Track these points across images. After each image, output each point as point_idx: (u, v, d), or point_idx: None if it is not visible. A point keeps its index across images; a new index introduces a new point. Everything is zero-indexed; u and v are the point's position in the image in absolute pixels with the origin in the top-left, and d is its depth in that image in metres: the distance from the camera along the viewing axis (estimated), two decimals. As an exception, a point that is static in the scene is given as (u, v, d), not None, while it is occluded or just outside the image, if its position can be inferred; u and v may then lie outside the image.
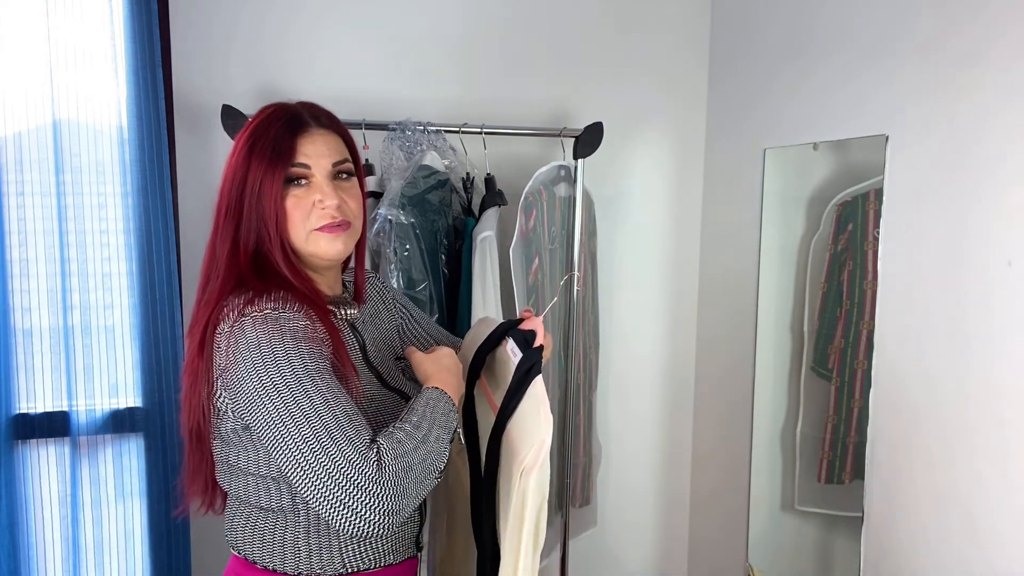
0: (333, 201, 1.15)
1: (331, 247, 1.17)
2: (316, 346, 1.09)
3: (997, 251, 1.44)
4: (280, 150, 1.14)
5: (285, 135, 1.15)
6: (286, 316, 1.09)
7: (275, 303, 1.10)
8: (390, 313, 1.41)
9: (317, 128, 1.18)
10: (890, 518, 1.70)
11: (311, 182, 1.16)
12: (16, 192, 1.84)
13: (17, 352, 1.86)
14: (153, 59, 1.88)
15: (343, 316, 1.26)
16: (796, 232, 2.03)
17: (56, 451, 1.91)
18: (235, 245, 1.15)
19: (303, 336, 1.08)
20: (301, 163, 1.15)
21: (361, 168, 1.25)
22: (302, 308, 1.12)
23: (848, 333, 1.85)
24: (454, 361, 1.23)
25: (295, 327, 1.08)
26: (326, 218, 1.15)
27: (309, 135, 1.17)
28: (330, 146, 1.18)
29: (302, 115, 1.18)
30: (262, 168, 1.13)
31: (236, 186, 1.15)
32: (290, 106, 1.20)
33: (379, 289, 1.43)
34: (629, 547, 2.56)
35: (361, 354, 1.26)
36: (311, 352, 1.07)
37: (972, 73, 1.50)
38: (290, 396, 1.04)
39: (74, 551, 1.92)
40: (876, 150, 1.72)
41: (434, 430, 1.10)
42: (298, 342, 1.07)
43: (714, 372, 2.45)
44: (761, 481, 2.18)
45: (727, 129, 2.35)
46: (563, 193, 2.15)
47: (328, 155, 1.17)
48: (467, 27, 2.23)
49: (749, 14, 2.23)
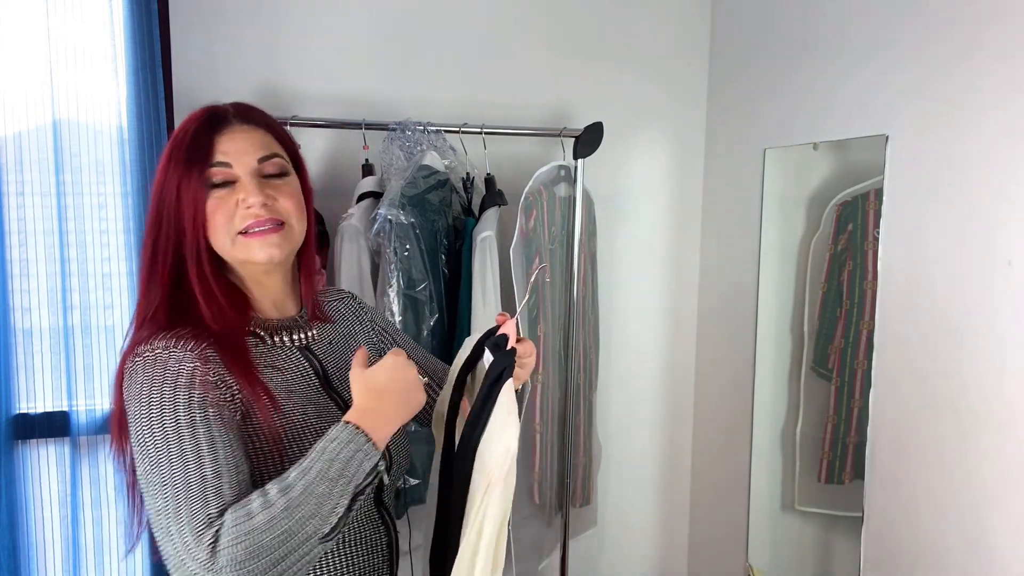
0: (257, 198, 1.02)
1: (261, 253, 1.04)
2: (203, 391, 0.96)
3: (997, 251, 1.44)
4: (196, 148, 1.03)
5: (203, 134, 1.04)
6: (176, 357, 0.98)
7: (167, 341, 0.99)
8: (367, 336, 1.29)
9: (239, 124, 1.06)
10: (890, 518, 1.70)
11: (235, 183, 1.04)
12: (16, 192, 1.84)
13: (17, 352, 1.86)
14: (153, 59, 1.88)
15: (293, 342, 1.13)
16: (796, 232, 2.03)
17: (56, 451, 1.91)
18: (153, 261, 1.04)
19: (187, 383, 0.96)
20: (221, 162, 1.03)
21: (302, 165, 1.13)
22: (200, 346, 1.00)
23: (848, 333, 1.85)
24: (393, 377, 1.02)
25: (179, 371, 0.97)
26: (249, 218, 1.03)
27: (229, 132, 1.05)
28: (254, 141, 1.06)
29: (222, 112, 1.07)
30: (179, 171, 1.02)
31: (155, 197, 1.04)
32: (214, 106, 1.09)
33: (354, 309, 1.31)
34: (629, 547, 2.56)
35: (318, 381, 1.13)
36: (190, 402, 0.95)
37: (972, 73, 1.50)
38: (154, 457, 0.93)
39: (74, 551, 1.92)
40: (876, 150, 1.72)
41: (320, 485, 0.91)
42: (177, 391, 0.95)
43: (714, 372, 2.45)
44: (761, 481, 2.17)
45: (727, 129, 2.35)
46: (563, 193, 2.15)
47: (251, 151, 1.05)
48: (467, 27, 2.23)
49: (749, 14, 2.23)
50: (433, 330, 1.93)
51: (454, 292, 2.01)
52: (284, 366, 1.10)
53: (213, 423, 0.96)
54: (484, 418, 1.04)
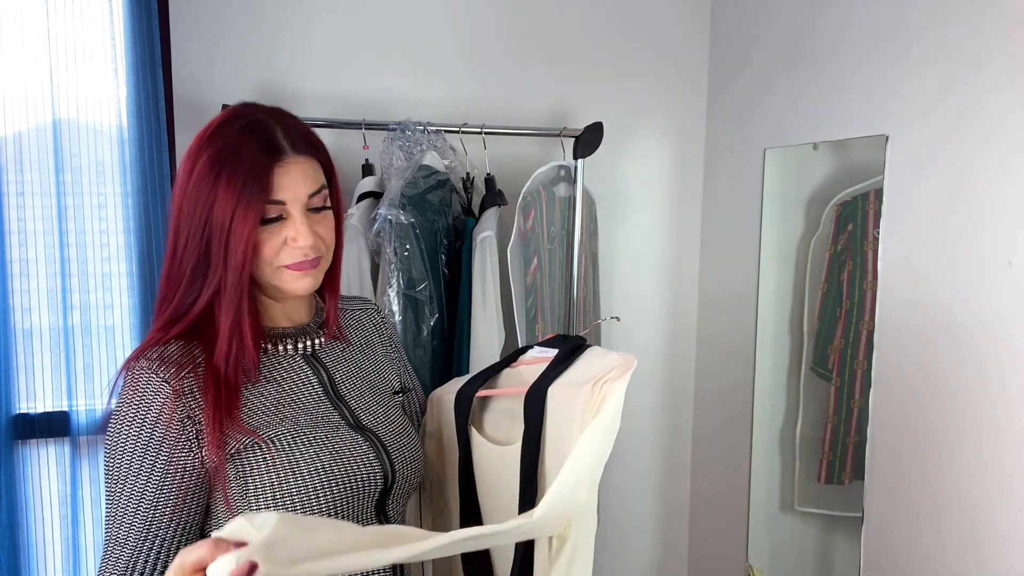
0: (308, 241, 1.02)
1: (298, 284, 1.05)
2: (162, 431, 0.98)
3: (997, 251, 1.44)
4: (255, 182, 0.98)
5: (260, 162, 0.99)
6: (154, 386, 0.99)
7: (153, 363, 1.00)
8: (386, 348, 1.28)
9: (294, 156, 1.02)
10: (890, 518, 1.70)
11: (286, 219, 1.02)
12: (16, 192, 1.84)
13: (17, 352, 1.86)
14: (153, 59, 1.88)
15: (298, 350, 1.13)
16: (796, 232, 2.03)
17: (56, 451, 1.91)
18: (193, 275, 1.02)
19: (153, 420, 0.98)
20: (277, 200, 1.00)
21: (338, 189, 1.11)
22: (180, 374, 1.00)
23: (848, 333, 1.85)
24: None
25: (151, 404, 0.99)
26: (298, 256, 1.03)
27: (284, 164, 1.01)
28: (307, 175, 1.03)
29: (276, 136, 1.02)
30: (232, 201, 0.98)
31: (199, 216, 1.00)
32: (259, 119, 1.03)
33: (377, 321, 1.29)
34: (629, 547, 2.56)
35: (321, 389, 1.12)
36: (146, 451, 0.98)
37: (972, 73, 1.50)
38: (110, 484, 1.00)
39: (74, 551, 1.92)
40: (876, 150, 1.72)
41: None
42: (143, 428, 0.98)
43: (714, 372, 2.45)
44: (761, 481, 2.17)
45: (727, 129, 2.35)
46: (563, 193, 2.15)
47: (303, 185, 1.02)
48: (467, 27, 2.23)
49: (749, 14, 2.23)
50: (433, 330, 1.94)
51: (454, 292, 2.01)
52: (281, 377, 1.09)
53: (162, 486, 0.99)
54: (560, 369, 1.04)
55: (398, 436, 1.15)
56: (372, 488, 1.08)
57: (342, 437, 1.08)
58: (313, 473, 1.03)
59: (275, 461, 1.02)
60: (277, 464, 1.02)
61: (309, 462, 1.03)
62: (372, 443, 1.10)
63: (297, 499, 1.02)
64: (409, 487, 1.17)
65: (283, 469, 1.02)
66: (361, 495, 1.07)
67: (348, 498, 1.05)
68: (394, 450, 1.13)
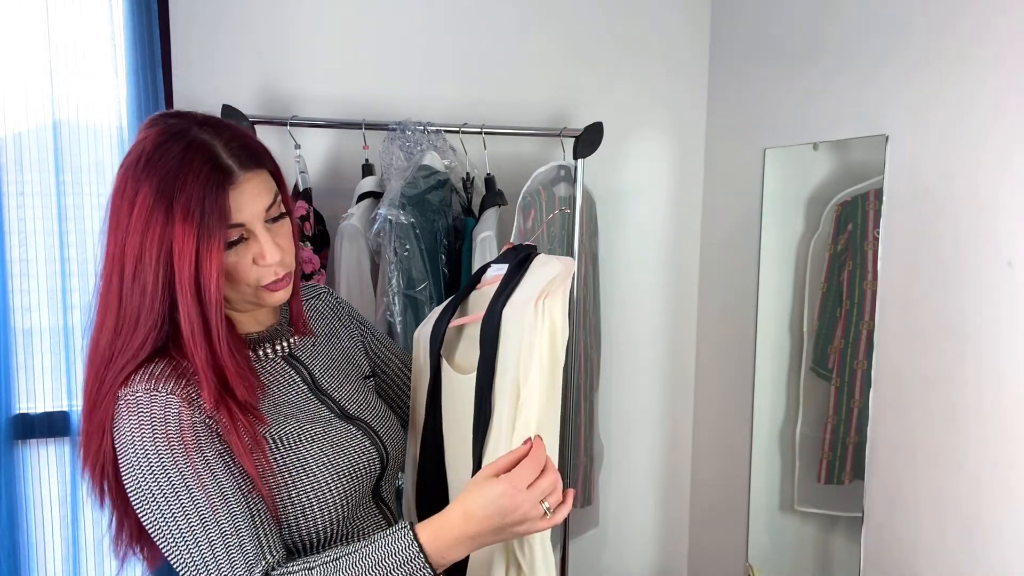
0: (275, 257, 1.00)
1: (275, 298, 1.05)
2: (192, 437, 0.95)
3: (997, 251, 1.44)
4: (211, 211, 0.94)
5: (212, 189, 0.94)
6: (160, 402, 0.96)
7: (147, 383, 0.96)
8: (348, 330, 1.28)
9: (243, 173, 0.97)
10: (890, 518, 1.70)
11: (248, 239, 1.00)
12: (16, 192, 1.85)
13: (17, 352, 1.86)
14: (153, 59, 1.88)
15: (276, 352, 1.13)
16: (796, 232, 2.03)
17: (56, 451, 1.91)
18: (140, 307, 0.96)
19: (175, 430, 0.95)
20: (237, 223, 0.97)
21: (286, 189, 1.07)
22: (180, 385, 0.97)
23: (848, 333, 1.85)
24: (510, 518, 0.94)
25: (166, 418, 0.95)
26: (270, 276, 1.02)
27: (237, 185, 0.97)
28: (260, 190, 1.00)
29: (220, 156, 0.96)
30: (192, 235, 0.93)
31: (153, 255, 0.94)
32: (197, 139, 0.96)
33: (332, 305, 1.28)
34: (630, 547, 2.56)
35: (306, 387, 1.13)
36: (183, 455, 0.94)
37: (973, 73, 1.50)
38: (164, 511, 0.94)
39: (74, 551, 1.92)
40: (876, 150, 1.72)
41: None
42: (171, 443, 0.94)
43: (714, 372, 2.45)
44: (761, 481, 2.17)
45: (727, 129, 2.35)
46: (563, 193, 2.15)
47: (260, 201, 0.99)
48: (467, 27, 2.23)
49: (749, 15, 2.23)
50: (433, 330, 1.94)
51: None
52: (269, 380, 1.10)
53: (217, 472, 0.96)
54: (510, 288, 1.07)
55: (383, 420, 1.18)
56: (372, 474, 1.12)
57: (337, 430, 1.10)
58: (322, 468, 1.05)
59: (285, 462, 1.03)
60: (288, 464, 1.03)
61: (316, 458, 1.05)
62: (364, 431, 1.13)
63: (312, 496, 1.04)
64: (397, 467, 1.20)
65: (294, 468, 1.03)
66: (364, 483, 1.11)
67: (354, 488, 1.08)
68: (383, 433, 1.16)
